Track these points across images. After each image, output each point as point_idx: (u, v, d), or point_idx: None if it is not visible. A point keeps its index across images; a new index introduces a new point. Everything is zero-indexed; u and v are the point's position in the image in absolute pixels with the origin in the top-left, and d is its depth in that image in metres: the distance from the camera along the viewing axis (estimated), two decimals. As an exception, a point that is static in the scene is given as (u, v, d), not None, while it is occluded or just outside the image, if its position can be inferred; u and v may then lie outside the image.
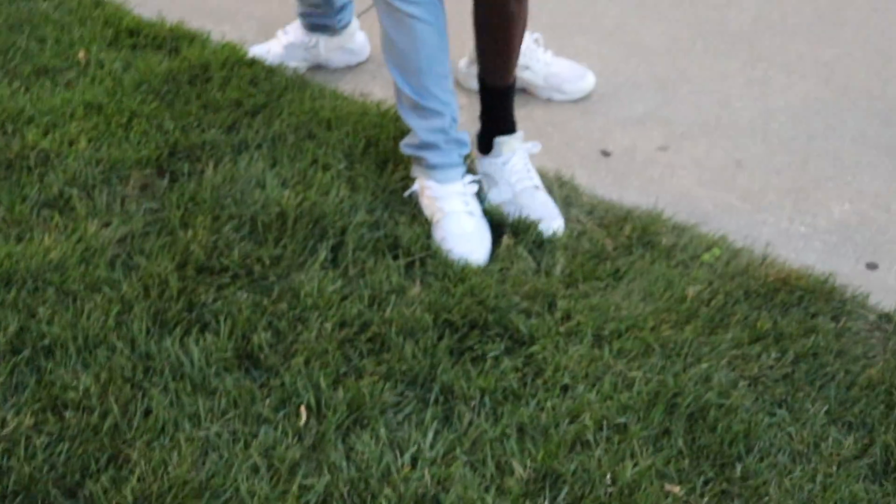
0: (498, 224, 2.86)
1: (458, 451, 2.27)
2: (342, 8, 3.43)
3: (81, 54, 3.36)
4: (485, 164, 2.97)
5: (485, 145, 2.97)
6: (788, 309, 2.63)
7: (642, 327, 2.55)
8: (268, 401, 2.36)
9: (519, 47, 2.87)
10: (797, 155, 3.21)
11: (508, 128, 2.95)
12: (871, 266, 2.84)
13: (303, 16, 3.45)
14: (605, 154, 3.21)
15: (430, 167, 2.85)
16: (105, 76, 3.28)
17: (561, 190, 2.99)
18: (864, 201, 3.05)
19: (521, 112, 3.17)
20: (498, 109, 2.95)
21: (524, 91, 3.38)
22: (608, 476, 2.23)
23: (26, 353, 2.43)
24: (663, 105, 3.42)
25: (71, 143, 3.01)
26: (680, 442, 2.31)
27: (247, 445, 2.26)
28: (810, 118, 3.36)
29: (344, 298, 2.60)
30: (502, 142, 2.94)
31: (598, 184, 3.09)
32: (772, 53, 3.66)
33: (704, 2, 3.93)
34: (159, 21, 3.61)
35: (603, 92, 3.46)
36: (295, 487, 2.17)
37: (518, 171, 2.94)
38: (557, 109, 3.38)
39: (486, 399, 2.37)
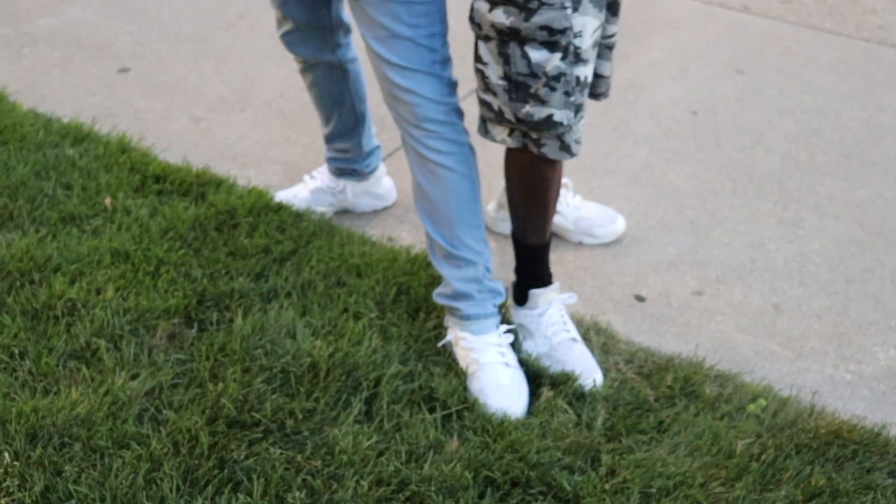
0: (535, 374, 2.79)
1: None
2: (370, 153, 3.41)
3: (108, 201, 3.33)
4: (520, 314, 2.91)
5: (520, 296, 2.91)
6: (842, 464, 2.55)
7: (691, 484, 2.46)
8: (305, 565, 2.27)
9: (554, 208, 2.80)
10: (836, 298, 3.15)
11: (544, 280, 2.89)
12: (922, 416, 2.77)
13: (331, 160, 3.42)
14: (640, 299, 3.15)
15: (465, 318, 2.79)
16: (132, 223, 3.24)
17: (598, 337, 2.93)
18: (909, 347, 2.99)
19: (553, 256, 3.12)
20: (533, 264, 2.89)
21: (554, 235, 3.33)
22: None
23: (53, 513, 2.35)
24: (696, 248, 3.37)
25: (98, 292, 2.96)
26: None
27: None
28: (847, 260, 3.31)
29: (380, 454, 2.52)
30: (538, 294, 2.88)
31: (634, 330, 3.03)
32: (802, 194, 3.62)
33: (731, 143, 3.90)
34: (185, 167, 3.58)
35: (633, 235, 3.42)
36: None
37: (554, 322, 2.87)
38: (588, 254, 3.33)
39: (533, 563, 2.29)
